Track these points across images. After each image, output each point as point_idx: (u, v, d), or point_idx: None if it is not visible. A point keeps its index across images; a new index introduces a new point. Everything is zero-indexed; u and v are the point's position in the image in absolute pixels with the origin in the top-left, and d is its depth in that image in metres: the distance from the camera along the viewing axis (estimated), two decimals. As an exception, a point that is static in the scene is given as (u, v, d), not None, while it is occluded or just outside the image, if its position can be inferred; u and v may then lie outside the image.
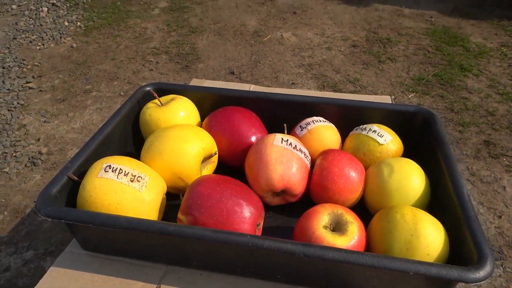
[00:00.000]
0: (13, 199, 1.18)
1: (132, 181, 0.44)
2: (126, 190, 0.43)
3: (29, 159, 1.32)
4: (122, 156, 0.48)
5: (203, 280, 0.45)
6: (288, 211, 0.53)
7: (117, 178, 0.44)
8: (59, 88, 1.72)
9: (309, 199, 0.52)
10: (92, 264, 0.47)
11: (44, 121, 1.51)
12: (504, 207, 1.15)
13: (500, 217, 1.12)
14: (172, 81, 1.75)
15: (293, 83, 1.72)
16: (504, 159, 1.31)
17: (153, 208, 0.46)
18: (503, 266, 1.00)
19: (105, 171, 0.44)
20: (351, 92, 1.66)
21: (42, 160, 1.32)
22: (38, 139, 1.42)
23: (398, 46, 2.02)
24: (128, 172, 0.45)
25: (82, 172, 0.48)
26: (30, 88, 1.71)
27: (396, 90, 1.67)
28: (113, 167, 0.44)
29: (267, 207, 0.53)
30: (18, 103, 1.59)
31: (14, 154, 1.34)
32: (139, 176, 0.45)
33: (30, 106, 1.60)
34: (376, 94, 1.65)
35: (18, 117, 1.53)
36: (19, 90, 1.68)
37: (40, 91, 1.70)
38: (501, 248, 1.04)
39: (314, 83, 1.73)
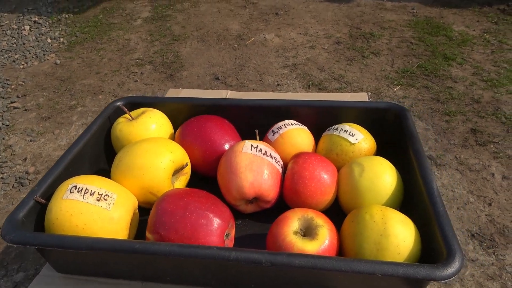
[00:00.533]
0: (1, 222, 1.17)
1: (98, 200, 0.44)
2: (92, 210, 0.43)
3: (16, 179, 1.31)
4: (90, 175, 0.48)
5: (179, 294, 0.45)
6: (264, 218, 0.52)
7: (83, 198, 0.43)
8: (44, 106, 1.71)
9: (284, 205, 0.52)
10: (67, 286, 0.46)
11: (30, 140, 1.50)
12: (494, 194, 1.15)
13: (490, 204, 1.12)
14: (158, 91, 1.75)
15: (278, 84, 1.72)
16: (492, 146, 1.31)
17: (123, 225, 0.45)
18: (495, 254, 0.99)
19: (71, 192, 0.43)
20: (336, 89, 1.66)
21: (29, 180, 1.31)
22: (25, 159, 1.41)
23: (381, 40, 2.02)
24: (95, 191, 0.44)
25: (51, 194, 0.48)
26: (15, 108, 1.70)
27: (381, 84, 1.67)
28: (79, 188, 0.44)
29: (243, 216, 0.53)
30: (3, 124, 1.58)
31: (0, 176, 1.33)
32: (106, 194, 0.44)
33: (15, 126, 1.59)
34: (361, 89, 1.65)
35: (3, 138, 1.52)
36: (3, 111, 1.67)
37: (25, 110, 1.69)
38: (492, 235, 1.04)
39: (299, 83, 1.73)
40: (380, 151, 0.55)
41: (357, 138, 0.53)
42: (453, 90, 1.59)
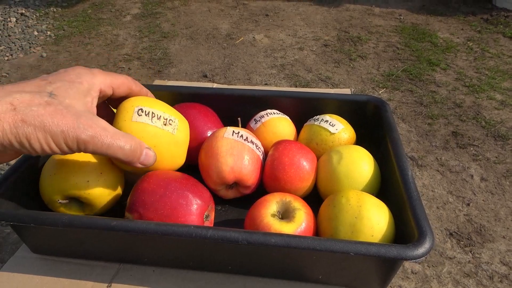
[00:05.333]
0: (-21, 212, 1.14)
1: (165, 125, 0.45)
2: (161, 133, 0.45)
3: (-4, 171, 1.29)
4: (145, 97, 0.48)
5: (156, 276, 0.45)
6: (244, 204, 0.53)
7: (152, 122, 0.44)
8: (28, 98, 1.69)
9: (264, 191, 0.52)
10: (42, 267, 0.46)
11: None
12: (472, 195, 1.18)
13: (468, 204, 1.15)
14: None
15: (265, 84, 1.73)
16: (471, 149, 1.34)
17: (184, 149, 0.49)
18: (472, 252, 1.02)
19: (139, 115, 0.44)
20: (323, 90, 1.68)
21: (10, 171, 1.29)
22: (6, 150, 1.39)
23: (368, 44, 2.05)
24: (160, 116, 0.45)
25: (31, 173, 0.47)
26: (-3, 99, 1.67)
27: (367, 87, 1.69)
28: (146, 111, 0.44)
29: (223, 201, 0.53)
30: (-16, 114, 1.55)
31: (-20, 167, 1.30)
32: (170, 119, 0.46)
33: (-3, 118, 1.56)
34: (347, 91, 1.67)
35: (-16, 129, 1.49)
36: (-14, 102, 1.64)
37: (8, 101, 1.66)
38: (469, 234, 1.07)
39: (287, 83, 1.74)
40: (360, 142, 0.56)
41: (337, 128, 0.54)
42: (436, 94, 1.63)
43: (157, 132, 0.44)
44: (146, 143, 0.43)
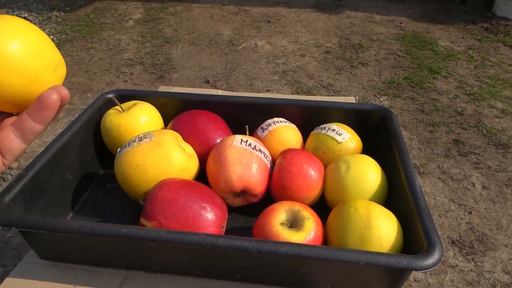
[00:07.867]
0: (-20, 216, 1.14)
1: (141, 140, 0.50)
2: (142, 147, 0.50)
3: (-2, 174, 1.29)
4: None
5: (164, 283, 0.45)
6: (251, 212, 0.53)
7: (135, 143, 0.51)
8: (31, 102, 1.69)
9: (271, 200, 0.52)
10: (50, 273, 0.46)
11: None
12: (474, 203, 1.18)
13: (470, 213, 1.15)
14: (147, 91, 1.75)
15: (267, 90, 1.74)
16: (473, 157, 1.35)
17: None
18: (474, 260, 1.02)
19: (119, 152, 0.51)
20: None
21: (12, 175, 1.29)
22: (8, 154, 1.39)
23: (369, 51, 2.06)
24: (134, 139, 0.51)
25: (39, 180, 0.48)
26: None
27: (368, 94, 1.70)
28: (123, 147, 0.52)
29: (230, 209, 0.53)
30: (-13, 118, 1.55)
31: (-18, 170, 1.30)
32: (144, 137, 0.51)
33: (0, 121, 1.56)
34: (349, 98, 1.68)
35: (-13, 133, 1.49)
36: (-12, 105, 1.64)
37: (11, 105, 1.67)
38: (472, 243, 1.07)
39: (289, 89, 1.75)
40: (366, 151, 0.57)
41: (344, 137, 0.55)
42: (437, 102, 1.64)
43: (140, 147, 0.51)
44: (137, 159, 0.49)
